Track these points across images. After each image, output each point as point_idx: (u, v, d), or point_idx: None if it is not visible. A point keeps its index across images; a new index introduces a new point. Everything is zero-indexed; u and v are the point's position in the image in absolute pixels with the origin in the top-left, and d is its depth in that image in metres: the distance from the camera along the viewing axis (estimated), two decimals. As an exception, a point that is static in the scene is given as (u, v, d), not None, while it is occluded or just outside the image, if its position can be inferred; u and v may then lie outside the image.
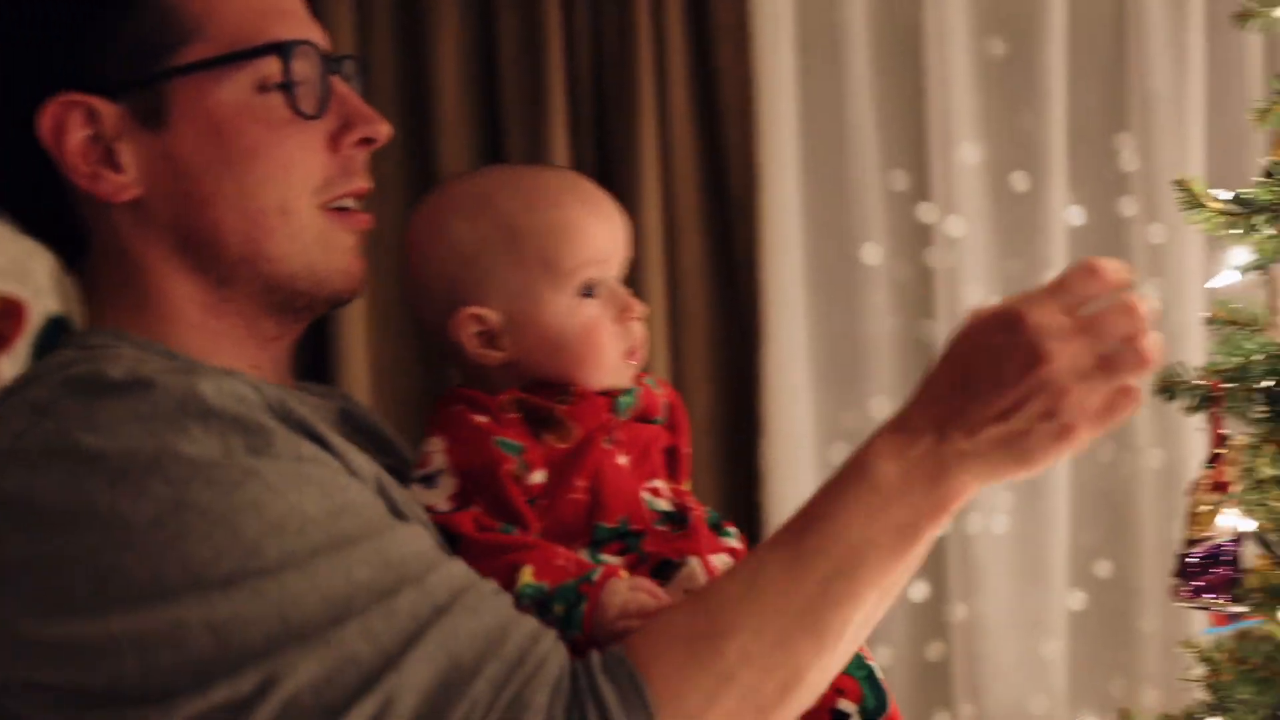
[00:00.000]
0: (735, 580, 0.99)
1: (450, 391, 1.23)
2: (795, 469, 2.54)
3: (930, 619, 2.76)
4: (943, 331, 2.64)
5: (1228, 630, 1.56)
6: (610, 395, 1.23)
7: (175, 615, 0.86)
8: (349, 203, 1.09)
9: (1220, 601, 1.46)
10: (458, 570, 0.95)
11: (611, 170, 2.45)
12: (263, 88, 1.03)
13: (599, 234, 1.22)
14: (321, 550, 0.89)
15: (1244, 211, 1.44)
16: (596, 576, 1.06)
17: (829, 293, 2.67)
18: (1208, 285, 1.53)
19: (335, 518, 0.91)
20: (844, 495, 0.95)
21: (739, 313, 2.51)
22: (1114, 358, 0.91)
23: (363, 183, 1.09)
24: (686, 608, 0.99)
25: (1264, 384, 1.39)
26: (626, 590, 1.05)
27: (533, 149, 2.42)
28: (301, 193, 1.05)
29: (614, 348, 1.22)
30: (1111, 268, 0.94)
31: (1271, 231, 1.36)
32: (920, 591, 2.75)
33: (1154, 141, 2.63)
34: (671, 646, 0.95)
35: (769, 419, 2.49)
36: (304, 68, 1.04)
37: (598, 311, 1.22)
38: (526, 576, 1.04)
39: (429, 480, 1.13)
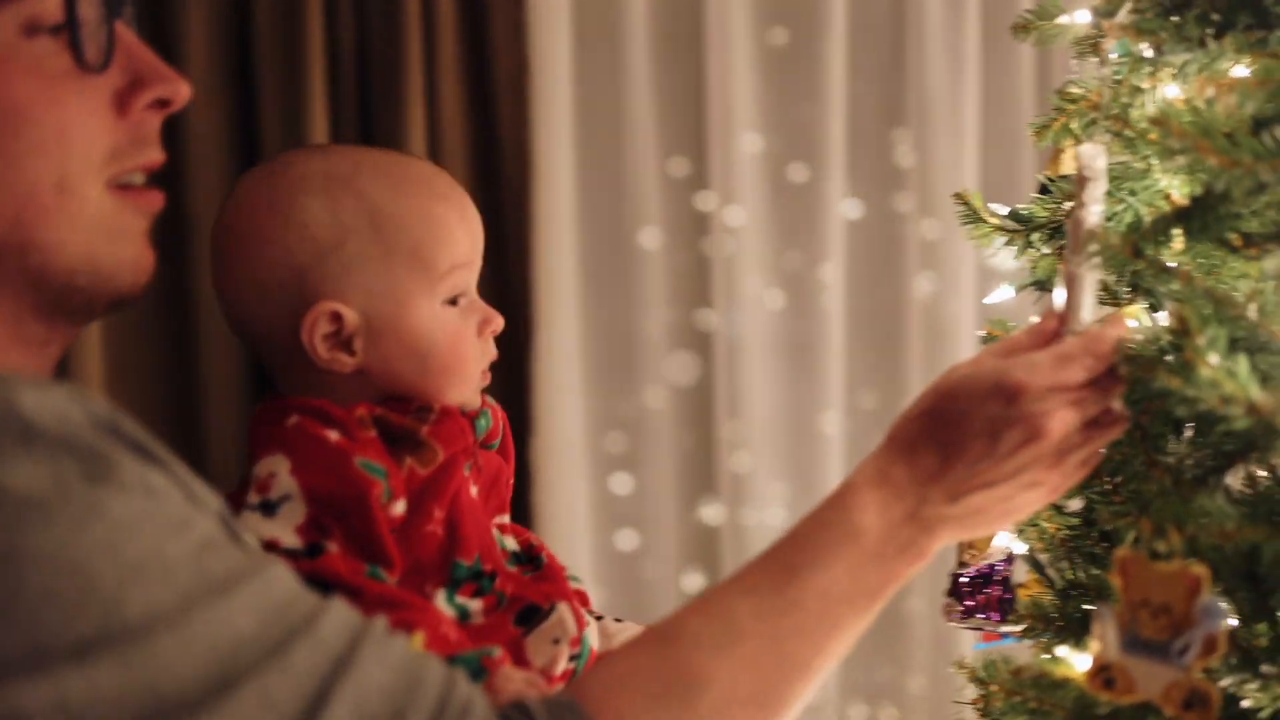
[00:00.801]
0: (706, 627, 0.89)
1: (283, 402, 1.07)
2: (566, 466, 2.45)
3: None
4: (719, 321, 2.60)
5: (997, 645, 1.55)
6: (470, 416, 1.11)
7: (13, 701, 0.67)
8: (139, 178, 0.89)
9: (991, 621, 1.44)
10: (342, 611, 0.79)
11: (375, 143, 2.29)
12: (32, 30, 0.81)
13: (467, 235, 1.10)
14: (194, 600, 0.72)
15: (1021, 228, 1.41)
16: (498, 654, 0.99)
17: (604, 282, 2.58)
18: (985, 301, 1.50)
19: (199, 558, 0.74)
20: (828, 550, 0.92)
21: (510, 303, 2.39)
22: (1100, 423, 0.98)
23: (156, 154, 0.89)
24: (650, 654, 0.89)
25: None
26: (521, 681, 0.95)
27: (289, 128, 2.25)
28: (83, 166, 0.83)
29: (476, 362, 1.11)
30: (1114, 340, 0.99)
31: (1047, 250, 1.32)
32: (695, 584, 2.70)
33: (929, 139, 2.64)
34: (636, 697, 0.85)
35: (540, 415, 2.39)
36: (86, 7, 0.82)
37: (460, 321, 1.10)
38: (418, 644, 0.91)
39: (269, 508, 0.98)
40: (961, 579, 1.46)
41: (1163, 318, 1.42)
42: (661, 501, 2.66)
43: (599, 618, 1.22)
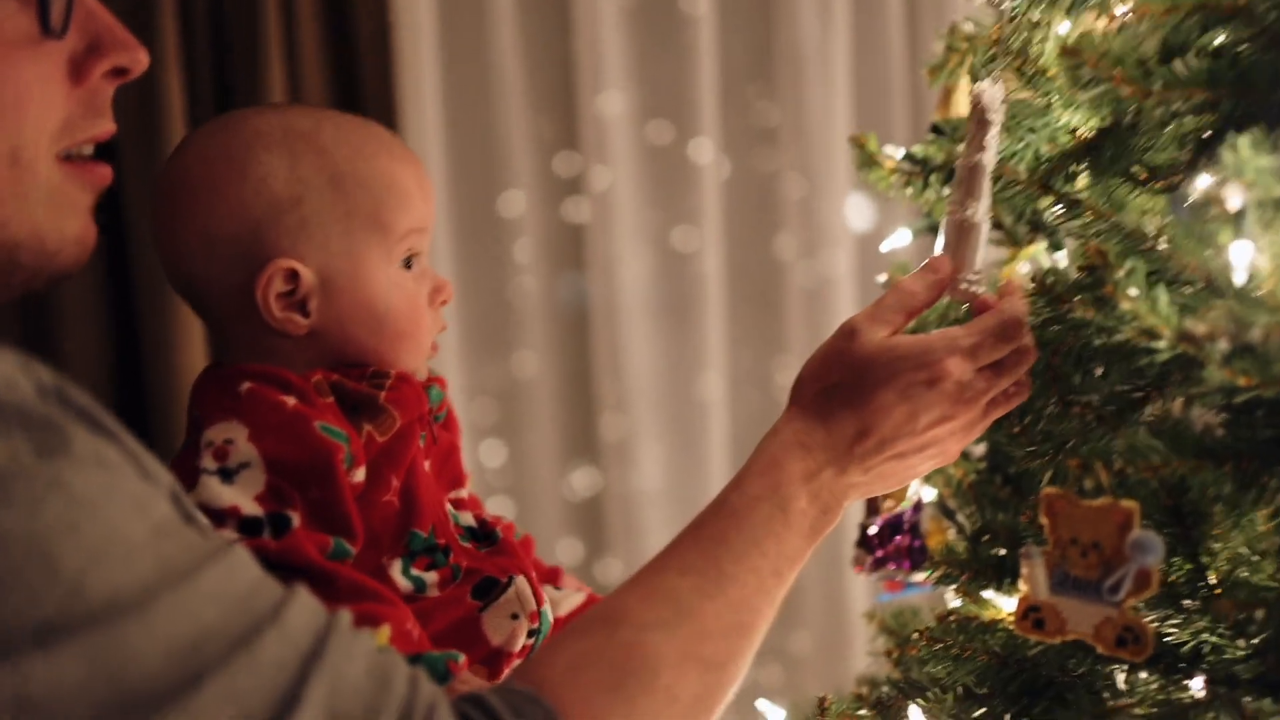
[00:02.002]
0: (652, 609, 0.88)
1: (232, 369, 1.02)
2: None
3: (585, 578, 2.67)
4: (588, 285, 2.54)
5: (902, 596, 1.53)
6: (424, 384, 1.09)
7: None
8: (88, 150, 0.83)
9: (903, 570, 1.42)
10: (308, 603, 0.73)
11: (231, 109, 2.16)
12: None
13: (424, 200, 1.08)
14: (156, 586, 0.66)
15: (917, 170, 1.38)
16: (462, 660, 0.97)
17: (472, 245, 2.50)
18: (882, 248, 1.47)
19: (158, 540, 0.68)
20: (759, 525, 0.94)
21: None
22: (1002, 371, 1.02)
23: (108, 125, 0.83)
24: (601, 638, 0.86)
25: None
26: (480, 687, 0.90)
27: (139, 87, 2.10)
28: (36, 136, 0.78)
29: (429, 330, 1.09)
30: (1025, 315, 1.03)
31: (946, 191, 1.30)
32: (573, 552, 2.65)
33: (800, 92, 2.61)
34: (593, 683, 0.83)
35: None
36: None
37: (415, 286, 1.08)
38: (383, 638, 0.88)
39: (228, 475, 0.94)
40: (870, 530, 1.44)
41: (1061, 257, 1.42)
42: (537, 470, 2.60)
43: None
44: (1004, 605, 1.20)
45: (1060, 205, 1.14)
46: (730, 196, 2.65)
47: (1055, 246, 1.38)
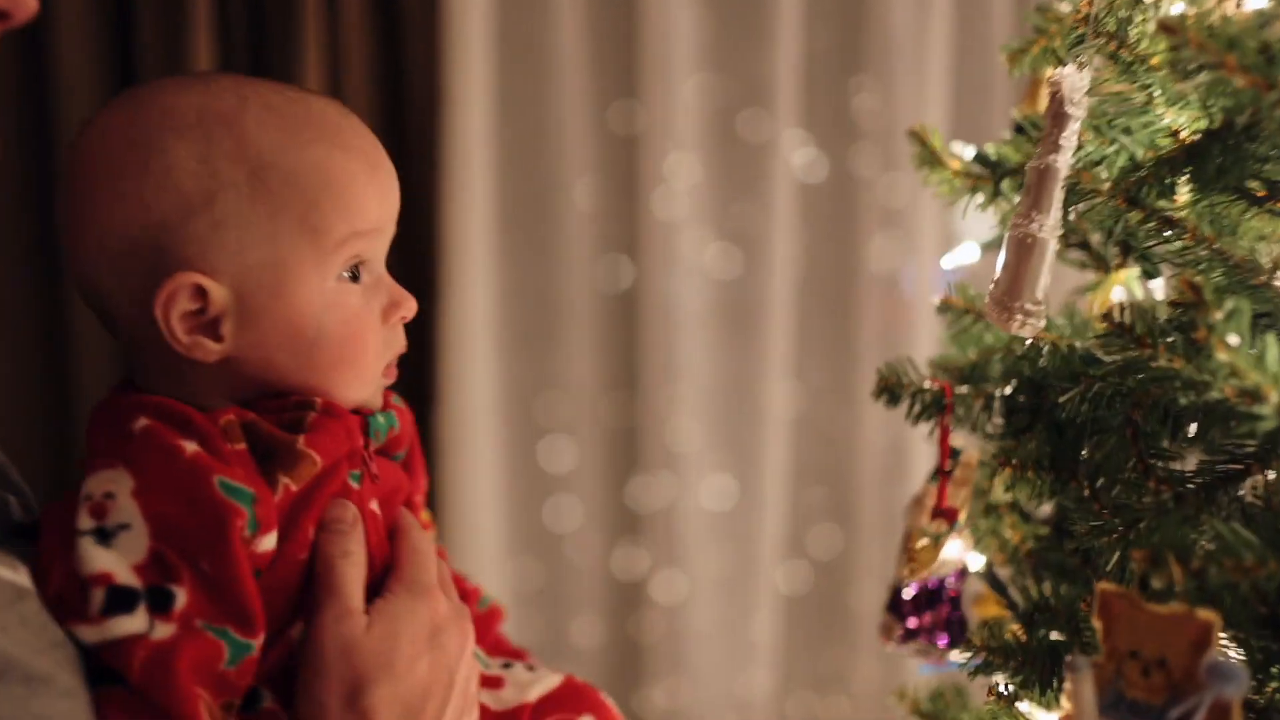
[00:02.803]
0: None
1: (133, 397, 0.87)
2: (476, 443, 2.20)
3: (637, 595, 2.48)
4: (655, 283, 2.33)
5: (945, 669, 1.31)
6: (362, 415, 0.92)
7: None
8: None
9: (938, 647, 1.21)
10: None
11: (267, 74, 2.00)
12: None
13: (376, 196, 0.90)
14: None
15: (988, 174, 1.16)
16: None
17: (523, 239, 2.31)
18: (943, 263, 1.26)
19: None
20: None
21: (414, 262, 2.12)
22: None
23: None
24: None
25: (1004, 389, 1.12)
26: None
27: (169, 57, 1.96)
28: None
29: (379, 354, 0.93)
30: None
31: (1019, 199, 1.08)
32: (626, 566, 2.46)
33: (890, 87, 2.38)
34: None
35: (447, 386, 2.14)
36: None
37: (361, 302, 0.89)
38: None
39: (104, 535, 0.79)
40: (903, 594, 1.23)
41: (1158, 286, 1.19)
42: (588, 476, 2.41)
43: (507, 664, 1.07)
44: (1044, 720, 0.98)
45: (1151, 223, 0.92)
46: (812, 194, 2.43)
47: (1149, 274, 1.15)
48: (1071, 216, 1.02)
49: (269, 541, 0.83)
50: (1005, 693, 0.99)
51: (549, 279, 2.32)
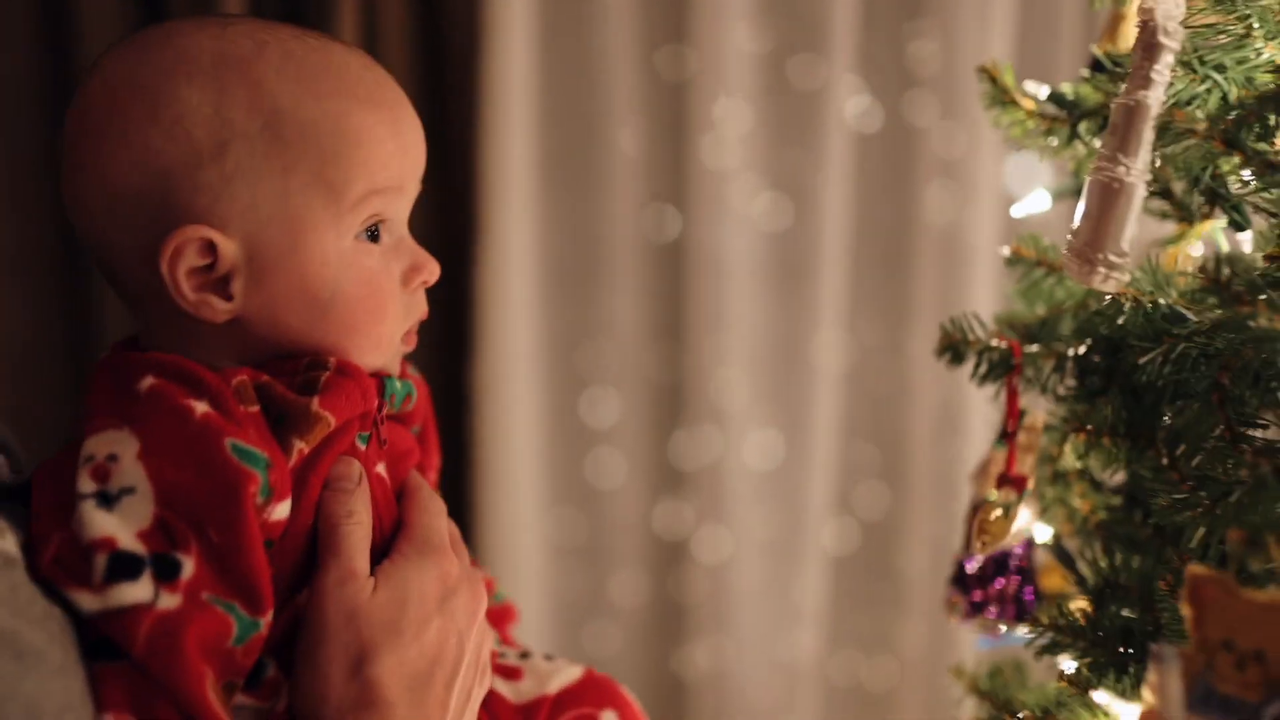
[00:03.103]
0: None
1: (137, 355, 0.83)
2: (515, 393, 2.14)
3: (679, 553, 2.42)
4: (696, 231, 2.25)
5: (1004, 643, 1.25)
6: (378, 376, 0.89)
7: None
8: None
9: (1003, 622, 1.14)
10: None
11: (299, 20, 1.93)
12: None
13: (398, 152, 0.86)
14: None
15: (1064, 115, 1.07)
16: None
17: (565, 187, 2.23)
18: (1013, 212, 1.17)
19: None
20: None
21: (453, 208, 2.04)
22: None
23: None
24: None
25: (1077, 348, 1.04)
26: None
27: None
28: None
29: (398, 320, 0.89)
30: None
31: (1098, 143, 0.99)
32: (669, 523, 2.40)
33: (952, 31, 2.28)
34: None
35: (486, 336, 2.07)
36: None
37: (380, 264, 0.85)
38: None
39: (108, 500, 0.75)
40: (968, 567, 1.16)
41: (1246, 240, 1.10)
42: (631, 430, 2.35)
43: (524, 655, 1.04)
44: (1125, 714, 0.90)
45: (1250, 169, 0.84)
46: (867, 142, 2.34)
47: (1238, 225, 1.06)
48: (1156, 161, 0.94)
49: (282, 510, 0.79)
50: (1074, 676, 0.91)
51: (592, 227, 2.24)
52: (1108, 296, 1.00)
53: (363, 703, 0.77)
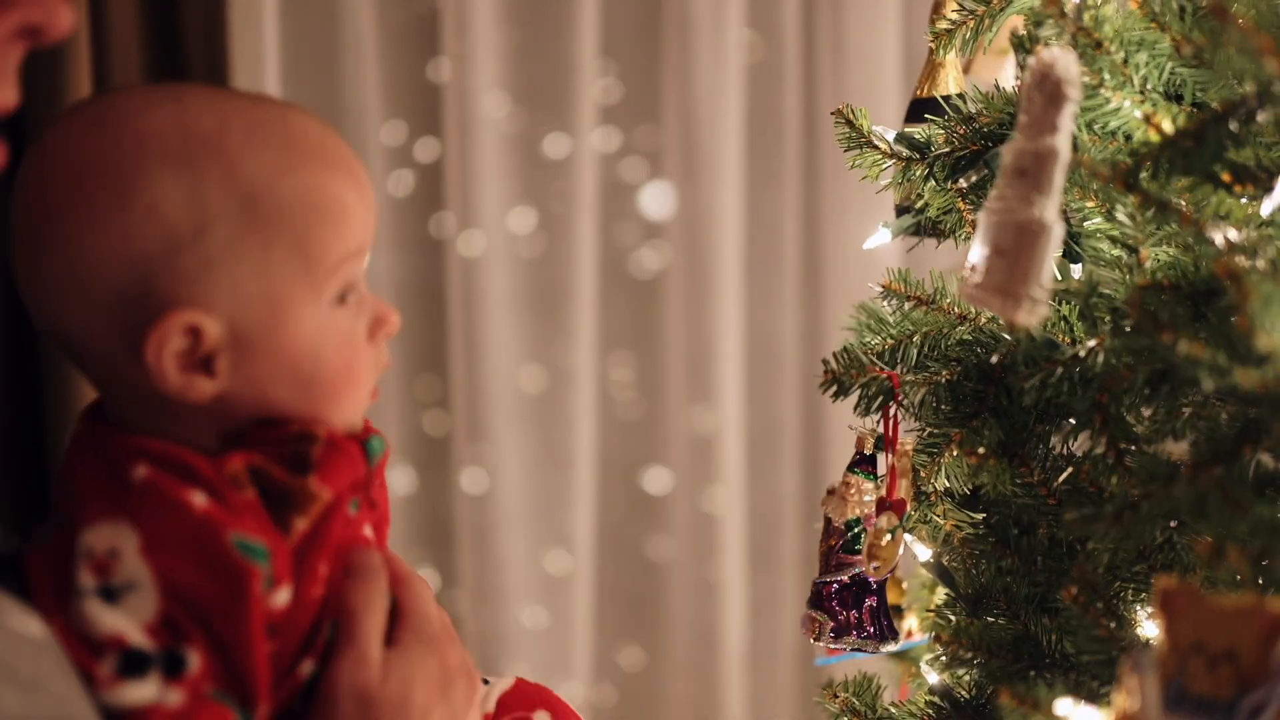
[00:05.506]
0: None
1: (124, 439, 0.82)
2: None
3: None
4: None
5: (844, 659, 1.30)
6: (359, 440, 0.89)
7: None
8: None
9: (873, 642, 1.18)
10: None
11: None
12: None
13: (364, 214, 0.87)
14: None
15: (918, 156, 1.14)
16: None
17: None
18: (865, 246, 1.23)
19: None
20: None
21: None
22: None
23: (11, 95, 0.69)
24: None
25: (946, 376, 1.10)
26: None
27: None
28: None
29: (371, 377, 0.90)
30: None
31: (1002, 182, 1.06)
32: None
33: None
34: None
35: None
36: None
37: (351, 324, 0.87)
38: None
39: (111, 594, 0.75)
40: (829, 587, 1.20)
41: (1077, 272, 1.19)
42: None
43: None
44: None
45: (1151, 209, 0.92)
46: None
47: (1073, 257, 1.16)
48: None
49: (284, 595, 0.80)
50: (1018, 690, 0.96)
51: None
52: (980, 325, 1.07)
53: None
